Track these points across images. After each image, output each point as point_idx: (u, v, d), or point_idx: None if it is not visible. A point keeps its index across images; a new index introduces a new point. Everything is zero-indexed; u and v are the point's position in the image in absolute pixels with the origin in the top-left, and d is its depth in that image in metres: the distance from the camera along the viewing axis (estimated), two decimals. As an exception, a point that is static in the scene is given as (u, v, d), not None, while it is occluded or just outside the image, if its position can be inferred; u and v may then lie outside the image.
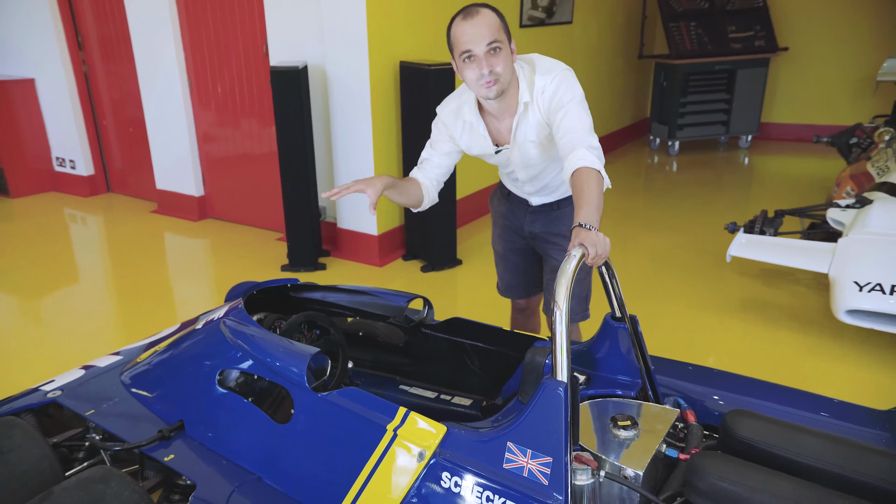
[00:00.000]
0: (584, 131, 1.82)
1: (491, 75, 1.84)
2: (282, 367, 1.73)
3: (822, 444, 1.40)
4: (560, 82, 1.90)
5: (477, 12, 1.84)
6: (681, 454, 1.50)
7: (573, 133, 1.81)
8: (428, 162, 2.16)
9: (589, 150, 1.76)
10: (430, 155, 2.16)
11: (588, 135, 1.82)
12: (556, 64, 1.96)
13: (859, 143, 4.94)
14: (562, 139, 1.84)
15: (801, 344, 3.25)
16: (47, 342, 3.44)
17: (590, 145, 1.78)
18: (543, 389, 1.36)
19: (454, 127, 2.10)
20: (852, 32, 6.96)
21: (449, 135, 2.12)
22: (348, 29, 3.89)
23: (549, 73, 1.92)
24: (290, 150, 4.01)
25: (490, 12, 1.85)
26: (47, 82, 5.69)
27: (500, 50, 1.83)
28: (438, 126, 2.15)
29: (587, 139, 1.80)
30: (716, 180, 6.46)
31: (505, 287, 2.54)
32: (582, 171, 1.71)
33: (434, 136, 2.16)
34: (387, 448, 1.53)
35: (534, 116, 1.96)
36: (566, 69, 1.95)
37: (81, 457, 1.91)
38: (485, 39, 1.81)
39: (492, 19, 1.84)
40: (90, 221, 5.48)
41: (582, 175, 1.70)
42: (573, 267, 1.42)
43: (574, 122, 1.83)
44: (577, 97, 1.88)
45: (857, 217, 3.37)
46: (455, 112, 2.08)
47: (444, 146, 2.14)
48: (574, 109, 1.85)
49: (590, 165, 1.72)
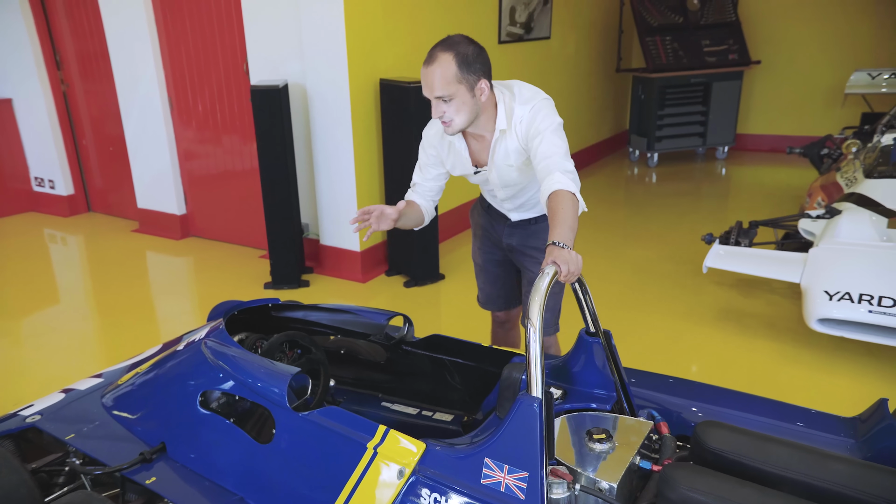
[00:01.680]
0: (559, 156, 1.87)
1: (443, 119, 1.92)
2: (263, 387, 1.75)
3: (789, 453, 1.44)
4: (537, 112, 1.96)
5: (432, 61, 1.86)
6: (654, 465, 1.53)
7: (549, 158, 1.87)
8: (420, 185, 2.23)
9: (564, 174, 1.82)
10: (420, 179, 2.23)
11: (563, 160, 1.87)
12: (536, 93, 2.01)
13: (830, 154, 5.05)
14: (539, 164, 1.90)
15: (776, 352, 3.32)
16: (28, 364, 3.42)
17: (565, 169, 1.84)
18: (519, 405, 1.39)
19: (441, 147, 2.16)
20: (822, 45, 7.13)
21: (435, 156, 2.19)
22: (328, 46, 3.93)
23: (528, 103, 1.97)
24: (271, 168, 4.03)
25: (446, 59, 1.85)
26: (25, 102, 5.67)
27: (450, 100, 1.88)
28: (426, 149, 2.20)
29: (562, 164, 1.85)
30: (694, 191, 6.57)
31: (485, 299, 2.58)
32: (557, 193, 1.77)
33: (422, 160, 2.22)
34: (367, 466, 1.56)
35: (511, 143, 2.02)
36: (545, 98, 2.00)
37: (62, 482, 1.91)
38: (433, 91, 1.87)
39: (445, 69, 1.84)
40: (70, 241, 5.45)
41: (557, 197, 1.76)
42: (546, 284, 1.46)
43: (550, 148, 1.89)
44: (554, 125, 1.94)
45: (826, 227, 3.45)
46: (440, 133, 2.14)
47: (433, 170, 2.21)
48: (549, 137, 1.91)
49: (565, 188, 1.78)
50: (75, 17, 5.30)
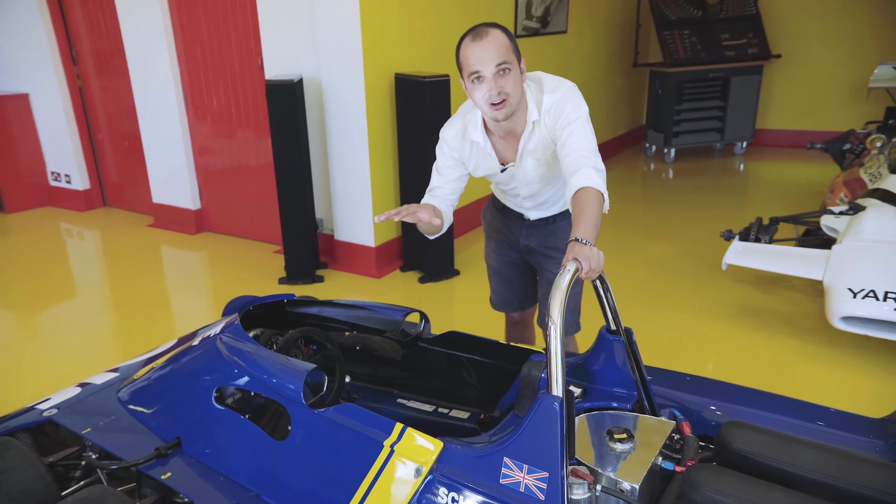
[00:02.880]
0: (589, 151, 1.82)
1: (500, 96, 1.82)
2: (278, 383, 1.73)
3: (817, 455, 1.40)
4: (567, 100, 1.90)
5: (486, 33, 1.80)
6: (677, 466, 1.50)
7: (578, 153, 1.81)
8: (439, 189, 2.10)
9: (596, 171, 1.76)
10: (439, 182, 2.10)
11: (593, 156, 1.82)
12: (562, 81, 1.96)
13: (852, 150, 4.96)
14: (566, 157, 1.83)
15: (796, 350, 3.26)
16: (44, 358, 3.44)
17: (596, 167, 1.78)
18: (539, 404, 1.37)
19: (462, 149, 2.06)
20: (844, 38, 7.01)
21: (456, 158, 2.08)
22: (343, 41, 3.91)
23: (556, 91, 1.91)
24: (286, 162, 4.02)
25: (500, 33, 1.82)
26: (42, 97, 5.70)
27: (509, 71, 1.81)
28: (444, 150, 2.09)
29: (593, 160, 1.80)
30: (712, 187, 6.49)
31: (499, 301, 2.53)
32: (585, 190, 1.71)
33: (441, 162, 2.10)
34: (384, 464, 1.54)
35: (540, 134, 1.95)
36: (572, 86, 1.95)
37: (78, 476, 1.90)
38: (494, 61, 1.78)
39: (501, 40, 1.80)
40: (86, 236, 5.48)
41: (585, 194, 1.70)
42: (567, 281, 1.43)
43: (580, 141, 1.83)
44: (583, 115, 1.88)
45: (850, 224, 3.39)
46: (461, 133, 2.04)
47: (453, 172, 2.09)
48: (580, 128, 1.85)
49: (594, 186, 1.72)
50: (91, 13, 5.32)
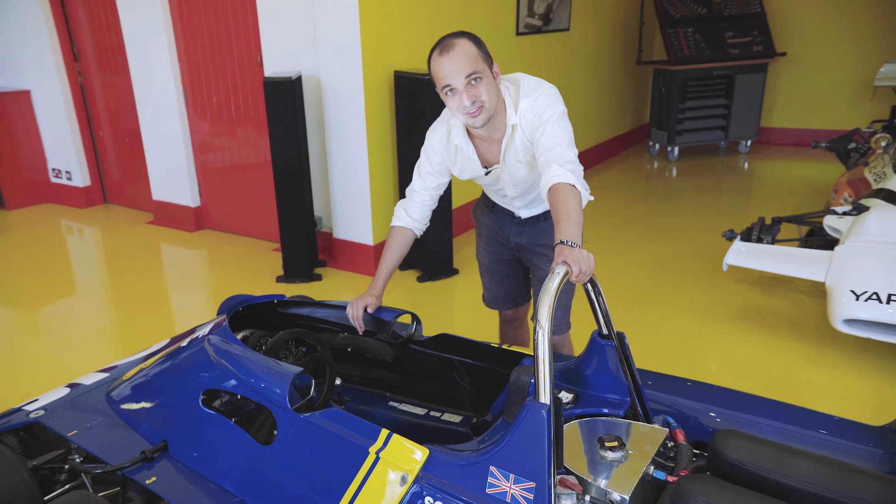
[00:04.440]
0: (560, 147, 1.79)
1: (475, 105, 1.82)
2: (265, 387, 1.70)
3: (813, 467, 1.37)
4: (541, 101, 1.89)
5: (453, 45, 1.80)
6: (669, 476, 1.46)
7: (550, 150, 1.79)
8: (419, 194, 2.16)
9: (562, 165, 1.73)
10: (419, 187, 2.16)
11: (565, 150, 1.79)
12: (539, 83, 1.95)
13: (857, 149, 4.91)
14: (540, 157, 1.82)
15: (799, 353, 3.22)
16: (43, 355, 3.42)
17: (564, 160, 1.75)
18: (526, 412, 1.33)
19: (446, 154, 2.09)
20: (850, 36, 6.93)
21: (440, 163, 2.11)
22: (342, 38, 3.88)
23: (532, 94, 1.91)
24: (284, 160, 3.99)
25: (466, 42, 1.81)
26: (43, 94, 5.69)
27: (480, 79, 1.81)
28: (429, 154, 2.12)
29: (563, 154, 1.77)
30: (715, 186, 6.43)
31: (492, 299, 2.51)
32: (556, 187, 1.69)
33: (424, 167, 2.13)
34: (369, 471, 1.51)
35: (520, 137, 1.95)
36: (549, 87, 1.94)
37: (63, 479, 1.88)
38: (463, 72, 1.79)
39: (469, 50, 1.80)
40: (86, 233, 5.47)
41: (557, 192, 1.67)
42: (556, 285, 1.39)
43: (551, 138, 1.82)
44: (556, 114, 1.86)
45: (853, 224, 3.34)
46: (445, 137, 2.07)
47: (433, 180, 2.14)
48: (551, 127, 1.84)
49: (563, 181, 1.69)
50: (92, 10, 5.30)
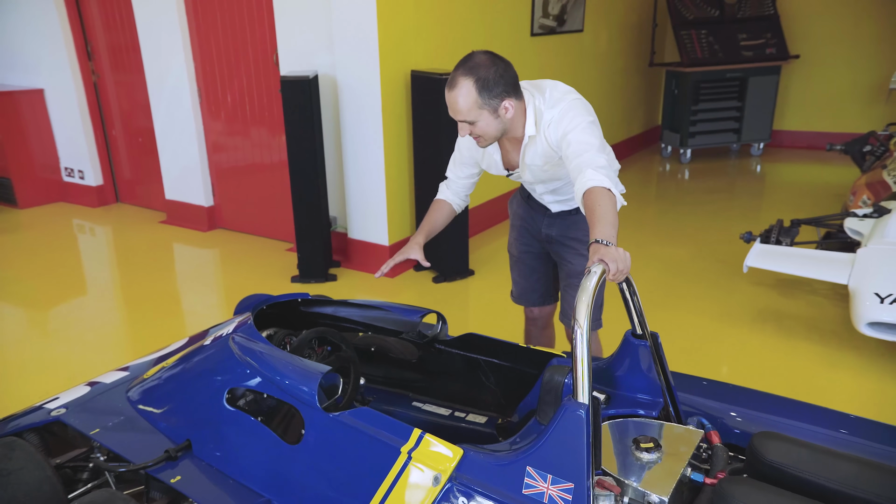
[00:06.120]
0: (590, 153, 1.80)
1: (473, 136, 1.94)
2: (292, 385, 1.68)
3: (856, 470, 1.34)
4: (566, 113, 1.91)
5: (455, 85, 1.84)
6: (706, 478, 1.44)
7: (580, 157, 1.80)
8: (453, 182, 2.27)
9: (596, 170, 1.73)
10: (453, 175, 2.26)
11: (595, 155, 1.79)
12: (566, 94, 1.96)
13: (873, 151, 4.87)
14: (570, 164, 1.83)
15: (819, 356, 3.18)
16: (55, 355, 3.41)
17: (597, 165, 1.75)
18: (564, 411, 1.31)
19: (475, 149, 2.17)
20: (864, 39, 6.89)
21: (469, 155, 2.20)
22: (359, 38, 3.87)
23: (557, 105, 1.93)
24: (300, 160, 3.98)
25: (467, 86, 1.83)
26: (56, 92, 5.70)
27: (475, 122, 1.88)
28: (461, 146, 2.21)
29: (594, 160, 1.77)
30: (728, 188, 6.40)
31: (519, 293, 2.51)
32: (591, 191, 1.69)
33: (457, 157, 2.23)
34: (400, 471, 1.48)
35: (541, 145, 1.98)
36: (576, 99, 1.95)
37: (86, 477, 1.86)
38: (458, 115, 1.88)
39: (465, 98, 1.83)
40: (98, 232, 5.47)
41: (592, 195, 1.68)
42: (594, 284, 1.37)
43: (579, 146, 1.83)
44: (583, 124, 1.87)
45: (875, 227, 3.30)
46: None
47: (465, 170, 2.23)
48: (577, 136, 1.85)
49: (598, 184, 1.69)
50: (107, 9, 5.30)
